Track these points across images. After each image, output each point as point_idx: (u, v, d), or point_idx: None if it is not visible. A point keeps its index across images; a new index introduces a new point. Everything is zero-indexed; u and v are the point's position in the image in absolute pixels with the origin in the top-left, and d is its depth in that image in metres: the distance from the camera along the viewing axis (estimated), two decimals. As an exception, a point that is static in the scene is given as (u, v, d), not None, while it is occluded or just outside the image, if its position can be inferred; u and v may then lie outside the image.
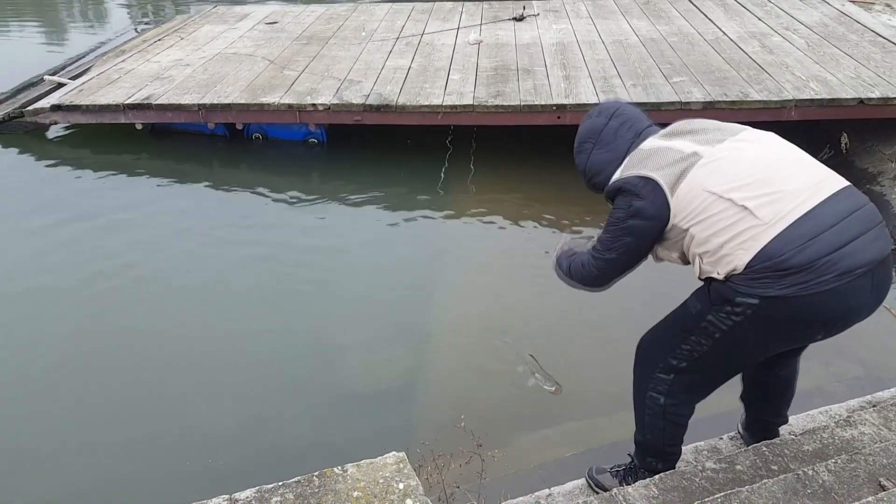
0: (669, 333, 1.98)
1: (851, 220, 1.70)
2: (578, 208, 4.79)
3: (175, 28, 7.43)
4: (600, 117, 2.00)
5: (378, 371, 3.31)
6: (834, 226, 1.68)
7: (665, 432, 2.09)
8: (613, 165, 1.93)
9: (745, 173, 1.73)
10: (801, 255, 1.65)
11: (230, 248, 4.33)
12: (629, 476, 2.25)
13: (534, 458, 2.78)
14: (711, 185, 1.73)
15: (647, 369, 2.04)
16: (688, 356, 1.93)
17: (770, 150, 1.81)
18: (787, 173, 1.75)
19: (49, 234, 4.46)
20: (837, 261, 1.65)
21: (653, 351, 2.03)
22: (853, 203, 1.73)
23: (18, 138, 5.71)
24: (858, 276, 1.67)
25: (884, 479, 1.91)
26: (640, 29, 6.60)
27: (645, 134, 1.94)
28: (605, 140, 1.96)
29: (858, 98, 4.81)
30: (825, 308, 1.71)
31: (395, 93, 5.27)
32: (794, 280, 1.66)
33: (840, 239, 1.67)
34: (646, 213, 1.80)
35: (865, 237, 1.70)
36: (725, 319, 1.78)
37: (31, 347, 3.49)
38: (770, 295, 1.68)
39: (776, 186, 1.71)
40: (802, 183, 1.73)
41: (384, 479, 1.86)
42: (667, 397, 2.02)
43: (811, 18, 6.73)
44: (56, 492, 2.72)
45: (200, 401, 3.15)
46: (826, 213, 1.69)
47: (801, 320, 1.75)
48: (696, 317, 1.86)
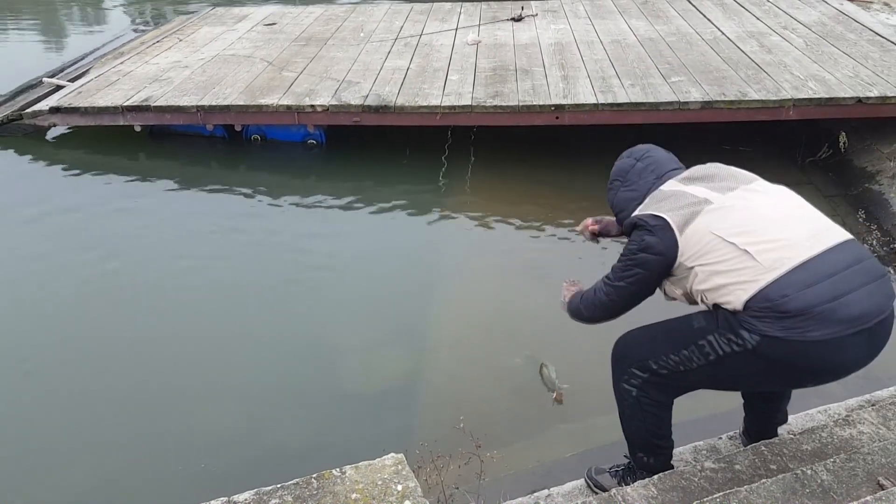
0: (659, 340, 2.02)
1: (851, 272, 1.77)
2: (577, 208, 4.79)
3: (173, 30, 7.43)
4: (630, 158, 2.18)
5: (376, 372, 3.31)
6: (832, 276, 1.75)
7: (646, 423, 2.10)
8: (635, 204, 2.06)
9: (750, 221, 1.84)
10: (798, 300, 1.73)
11: (229, 250, 4.33)
12: (628, 476, 2.25)
13: (533, 459, 2.78)
14: (717, 228, 1.84)
15: (624, 365, 2.08)
16: (673, 367, 1.97)
17: (777, 202, 1.92)
18: (791, 224, 1.85)
19: (48, 237, 4.46)
20: (834, 310, 1.72)
21: (634, 350, 2.08)
22: (854, 256, 1.81)
23: (17, 141, 5.72)
24: (855, 330, 1.73)
25: (882, 479, 1.91)
26: (638, 29, 6.60)
27: (667, 177, 2.06)
28: (631, 180, 2.12)
29: (857, 97, 4.81)
30: (819, 357, 1.78)
31: (394, 94, 5.27)
32: (792, 324, 1.74)
33: (838, 289, 1.74)
34: (655, 248, 1.92)
35: (865, 289, 1.76)
36: (725, 345, 1.85)
37: (31, 349, 3.49)
38: (770, 335, 1.76)
39: (779, 235, 1.81)
40: (805, 233, 1.82)
41: (383, 480, 1.86)
42: (639, 391, 2.06)
43: (809, 17, 6.73)
44: (56, 493, 2.72)
45: (199, 402, 3.15)
46: (826, 263, 1.77)
47: (794, 366, 1.82)
48: (697, 332, 1.91)
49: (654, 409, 2.07)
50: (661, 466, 2.18)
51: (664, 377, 2.00)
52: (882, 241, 4.13)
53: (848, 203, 4.67)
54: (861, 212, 4.42)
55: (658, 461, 2.18)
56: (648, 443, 2.16)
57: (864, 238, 4.18)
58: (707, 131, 5.39)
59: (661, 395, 2.06)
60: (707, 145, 5.40)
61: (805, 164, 5.18)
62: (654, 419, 2.10)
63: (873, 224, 4.31)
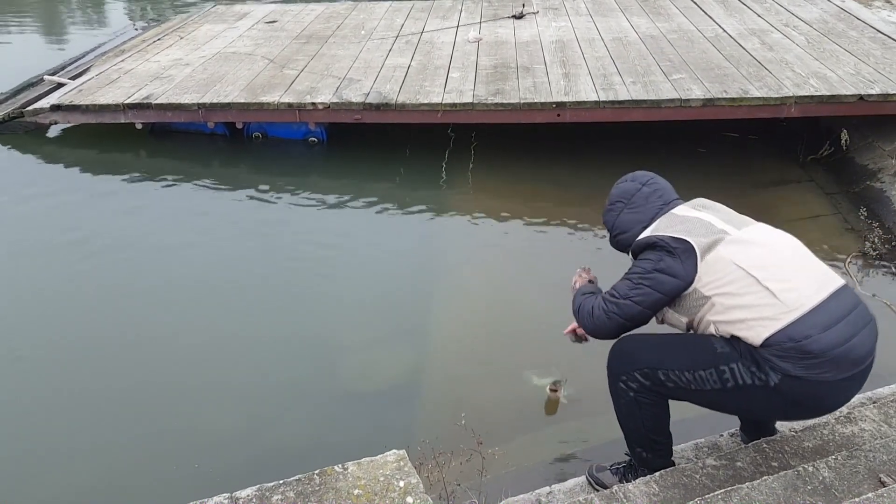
0: (675, 354, 1.99)
1: (854, 316, 1.87)
2: (577, 206, 4.79)
3: (174, 28, 7.42)
4: (634, 182, 2.18)
5: (378, 370, 3.32)
6: (843, 320, 1.84)
7: (643, 421, 2.10)
8: (640, 226, 2.08)
9: (768, 258, 1.90)
10: (820, 342, 1.79)
11: (230, 247, 4.34)
12: (629, 473, 2.25)
13: (534, 456, 2.78)
14: (740, 260, 1.87)
15: (628, 366, 2.05)
16: (683, 384, 1.96)
17: (780, 243, 1.98)
18: (801, 267, 1.93)
19: (48, 235, 4.46)
20: (846, 353, 1.81)
21: (644, 354, 2.04)
22: (852, 302, 1.90)
23: (18, 138, 5.71)
24: (857, 371, 1.84)
25: (884, 476, 1.92)
26: (639, 26, 6.60)
27: (673, 204, 2.11)
28: (636, 203, 2.13)
29: (858, 94, 4.80)
30: (825, 397, 1.89)
31: (395, 91, 5.27)
32: (813, 364, 1.80)
33: (849, 332, 1.83)
34: (673, 269, 1.92)
35: (863, 333, 1.87)
36: (748, 377, 1.86)
37: (31, 348, 3.49)
38: (792, 374, 1.81)
39: (793, 276, 1.89)
40: (813, 277, 1.90)
41: (385, 476, 1.86)
42: (637, 393, 2.05)
43: (811, 15, 6.72)
44: (58, 492, 2.72)
45: (201, 399, 3.16)
46: (836, 307, 1.85)
47: (802, 403, 1.89)
48: (720, 357, 1.89)
49: (651, 408, 2.07)
50: (660, 462, 2.18)
51: (668, 389, 2.00)
52: (883, 238, 4.12)
53: (849, 200, 4.66)
54: (863, 209, 4.42)
55: (657, 457, 2.18)
56: (646, 438, 2.16)
57: (866, 236, 4.18)
58: (707, 128, 5.39)
59: (658, 399, 2.06)
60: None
61: (806, 162, 5.17)
62: (652, 417, 2.09)
63: (875, 222, 4.31)
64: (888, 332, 3.42)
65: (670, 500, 1.99)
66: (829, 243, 4.23)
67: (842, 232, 4.38)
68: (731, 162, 5.26)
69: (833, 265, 4.03)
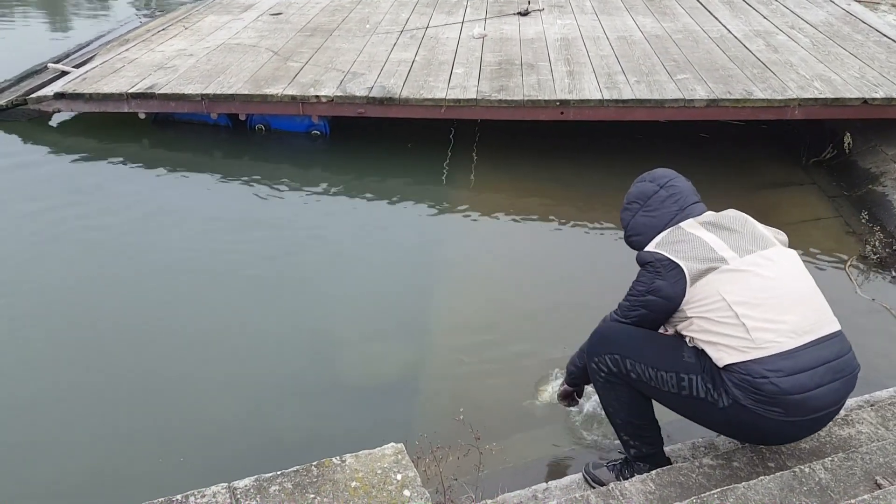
0: (644, 349, 2.09)
1: (826, 368, 1.89)
2: (579, 204, 4.79)
3: (179, 18, 7.41)
4: (652, 184, 2.18)
5: (377, 363, 3.32)
6: (811, 370, 1.87)
7: (620, 401, 2.16)
8: (653, 232, 2.11)
9: (758, 292, 1.91)
10: (774, 385, 1.85)
11: (230, 239, 4.33)
12: (625, 469, 2.27)
13: (532, 453, 2.79)
14: (727, 291, 1.91)
15: (601, 348, 2.15)
16: (645, 379, 2.07)
17: (785, 276, 1.97)
18: (792, 306, 1.92)
19: (49, 223, 4.46)
20: (801, 402, 1.87)
21: (616, 340, 2.13)
22: (835, 352, 1.92)
23: (21, 126, 5.71)
24: (811, 418, 1.92)
25: (880, 478, 1.92)
26: (644, 25, 6.59)
27: (689, 210, 2.11)
28: (652, 206, 2.15)
29: (862, 98, 4.80)
30: (773, 433, 1.96)
31: (399, 86, 5.26)
32: (762, 401, 1.87)
33: (811, 383, 1.86)
34: (663, 292, 1.99)
35: (832, 385, 1.90)
36: (703, 391, 1.96)
37: (28, 338, 3.49)
38: (741, 403, 1.89)
39: (777, 316, 1.89)
40: (801, 319, 1.91)
41: (382, 469, 1.87)
42: (607, 375, 2.15)
43: (817, 17, 6.71)
44: (55, 481, 2.73)
45: (199, 391, 3.16)
46: (809, 355, 1.88)
47: (746, 432, 2.03)
48: (683, 366, 2.00)
49: (626, 391, 2.14)
50: (648, 450, 2.22)
51: (632, 380, 2.10)
52: (884, 242, 4.13)
53: (851, 204, 4.66)
54: (864, 213, 4.42)
55: (644, 444, 2.21)
56: (628, 423, 2.20)
57: (867, 240, 4.18)
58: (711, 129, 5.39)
59: (628, 385, 2.13)
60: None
61: (809, 165, 5.17)
62: (629, 400, 2.15)
63: (876, 225, 4.31)
64: (887, 336, 3.45)
65: (666, 498, 2.00)
66: (830, 246, 4.23)
67: (843, 235, 4.38)
68: (734, 163, 5.26)
69: (833, 268, 4.04)
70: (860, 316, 3.61)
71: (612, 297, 2.26)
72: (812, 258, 4.11)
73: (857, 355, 2.03)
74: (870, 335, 3.46)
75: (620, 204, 2.30)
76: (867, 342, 3.41)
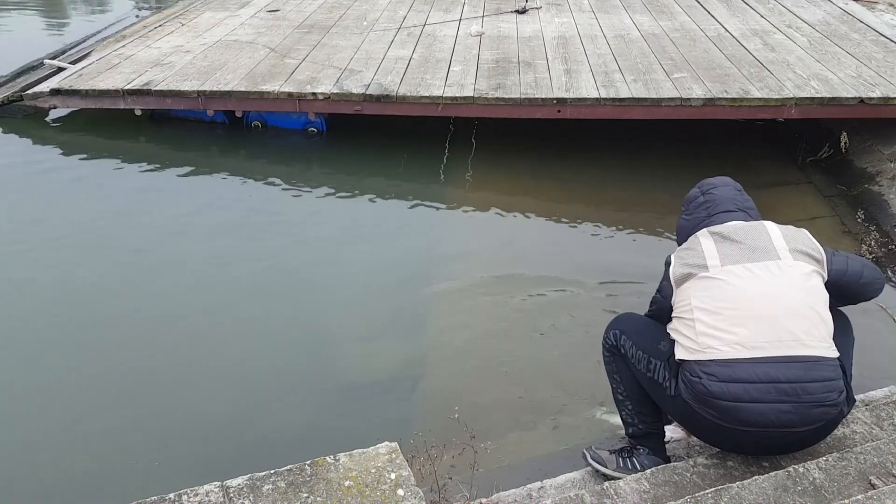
0: (637, 331, 2.27)
1: (772, 387, 1.90)
2: (576, 202, 4.79)
3: (176, 14, 7.39)
4: (698, 189, 2.38)
5: (372, 362, 3.32)
6: (749, 382, 1.91)
7: (620, 374, 2.28)
8: (685, 234, 2.30)
9: (724, 300, 2.00)
10: (705, 387, 1.95)
11: (226, 236, 4.32)
12: (625, 451, 2.30)
13: (526, 451, 2.79)
14: (695, 296, 2.05)
15: (611, 325, 2.36)
16: (630, 357, 2.24)
17: (758, 291, 1.98)
18: (747, 319, 1.95)
19: (44, 220, 4.45)
20: (733, 410, 1.92)
21: (620, 320, 2.35)
22: (795, 375, 1.90)
23: (17, 122, 5.69)
24: (748, 430, 1.95)
25: (874, 478, 1.92)
26: (642, 24, 6.58)
27: (715, 219, 2.23)
28: (689, 210, 2.35)
29: (859, 97, 4.80)
30: (713, 433, 2.06)
31: (396, 83, 5.25)
32: (695, 398, 1.99)
33: (745, 395, 1.91)
34: (664, 291, 2.22)
35: (778, 406, 1.90)
36: (661, 377, 2.13)
37: (22, 334, 3.48)
38: (683, 396, 2.03)
39: (727, 326, 1.96)
40: (752, 334, 1.94)
41: (376, 468, 1.87)
42: (610, 349, 2.32)
43: (814, 17, 6.71)
44: (49, 477, 2.72)
45: (193, 389, 3.15)
46: (750, 370, 1.91)
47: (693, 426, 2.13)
48: (655, 351, 2.17)
49: (625, 364, 2.26)
50: (649, 434, 2.26)
51: (622, 356, 2.27)
52: (880, 242, 4.13)
53: (847, 203, 4.67)
54: (860, 212, 4.42)
55: (643, 424, 2.27)
56: (629, 399, 2.28)
57: (863, 239, 4.18)
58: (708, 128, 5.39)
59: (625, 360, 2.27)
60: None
61: (805, 164, 5.17)
62: (629, 374, 2.26)
63: (872, 225, 4.31)
64: (883, 336, 3.45)
65: (661, 497, 2.00)
66: (826, 245, 4.23)
67: (839, 234, 4.38)
68: (730, 162, 5.25)
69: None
70: (856, 315, 3.57)
71: (610, 295, 2.26)
72: (808, 257, 4.11)
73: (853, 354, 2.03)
74: (866, 335, 3.44)
75: (619, 201, 2.37)
76: (863, 341, 3.38)
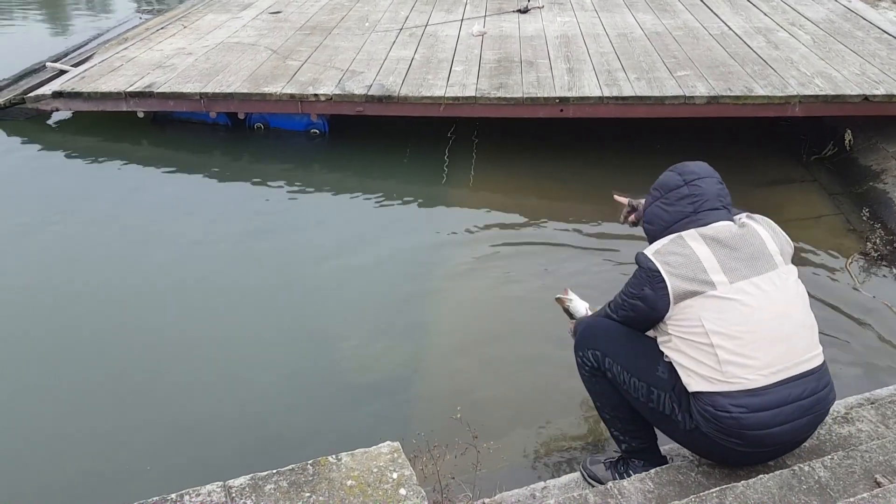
0: (623, 351, 2.10)
1: (794, 407, 1.90)
2: (580, 202, 4.78)
3: (178, 16, 7.40)
4: (678, 177, 2.10)
5: (375, 362, 3.31)
6: (777, 408, 1.88)
7: (605, 394, 2.17)
8: (663, 226, 2.08)
9: (739, 324, 1.89)
10: (736, 420, 1.87)
11: (228, 238, 4.32)
12: (620, 465, 2.26)
13: (530, 451, 2.78)
14: (707, 318, 1.90)
15: (585, 343, 2.18)
16: (619, 382, 2.09)
17: (770, 309, 1.92)
18: (769, 343, 1.89)
19: (46, 223, 4.45)
20: (762, 438, 1.90)
21: (600, 338, 2.15)
22: (811, 389, 1.92)
23: (19, 125, 5.70)
24: (771, 451, 1.99)
25: (880, 476, 1.91)
26: (644, 22, 6.57)
27: (702, 217, 2.02)
28: (670, 200, 2.09)
29: (863, 95, 4.78)
30: (733, 459, 2.03)
31: (398, 84, 5.24)
32: (722, 431, 1.90)
33: (775, 421, 1.88)
34: (649, 302, 1.99)
35: (797, 422, 1.92)
36: (669, 409, 2.01)
37: (24, 337, 3.48)
38: (702, 429, 1.94)
39: (751, 352, 1.88)
40: (775, 358, 1.89)
41: (378, 468, 1.86)
42: (590, 370, 2.17)
43: (817, 14, 6.69)
44: (50, 479, 2.71)
45: (196, 389, 3.15)
46: (778, 394, 1.88)
47: (707, 454, 2.08)
48: (655, 380, 2.03)
49: (610, 384, 2.15)
50: (643, 449, 2.21)
51: (608, 378, 2.13)
52: (886, 239, 4.11)
53: (852, 201, 4.65)
54: (865, 210, 4.40)
55: (632, 439, 2.21)
56: (617, 419, 2.20)
57: (868, 237, 4.16)
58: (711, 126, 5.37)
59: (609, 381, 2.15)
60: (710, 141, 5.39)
61: (810, 162, 5.15)
62: (614, 394, 2.15)
63: (877, 223, 4.29)
64: (888, 334, 3.43)
65: (665, 497, 1.98)
66: (831, 244, 4.22)
67: (844, 232, 4.36)
68: (735, 160, 5.23)
69: (834, 266, 4.02)
70: (861, 313, 3.59)
71: (611, 297, 2.25)
72: (813, 255, 4.10)
73: (859, 353, 2.02)
74: (870, 332, 3.45)
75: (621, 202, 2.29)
76: (868, 340, 3.40)
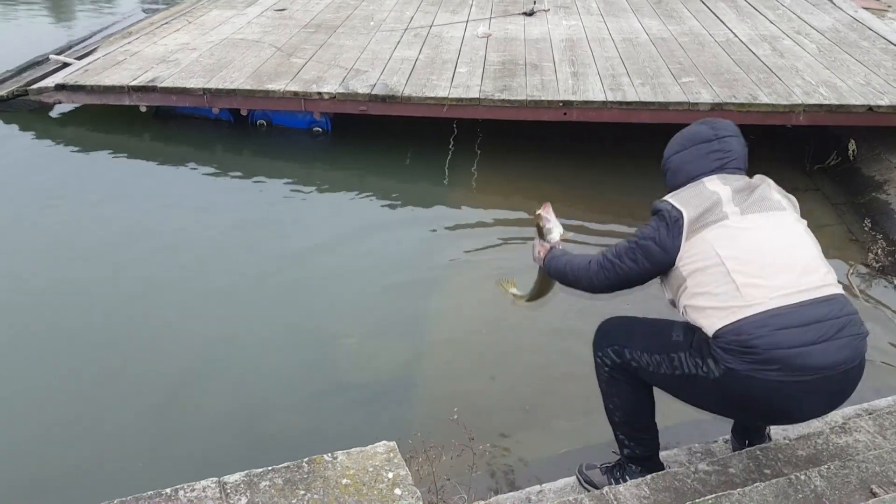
0: (638, 335, 2.07)
1: (825, 325, 1.80)
2: (580, 205, 4.77)
3: (183, 12, 7.40)
4: (710, 131, 2.08)
5: (372, 362, 3.30)
6: (805, 325, 1.78)
7: (622, 400, 2.14)
8: (685, 176, 2.05)
9: (753, 251, 1.85)
10: (767, 339, 1.76)
11: (229, 234, 4.32)
12: (616, 470, 2.25)
13: (526, 454, 2.77)
14: (721, 247, 1.85)
15: (603, 342, 2.14)
16: (644, 366, 2.03)
17: (783, 238, 1.90)
18: (787, 268, 1.84)
19: (47, 215, 4.45)
20: (798, 356, 1.76)
21: (615, 333, 2.12)
22: (834, 311, 1.83)
23: (22, 116, 5.70)
24: (814, 378, 1.78)
25: (875, 486, 1.90)
26: (650, 28, 6.57)
27: (725, 171, 2.02)
28: (696, 152, 2.06)
29: (867, 105, 4.77)
30: (771, 400, 1.83)
31: (402, 84, 5.24)
32: (756, 361, 1.77)
33: (807, 338, 1.77)
34: (664, 243, 1.93)
35: (837, 342, 1.80)
36: (692, 367, 1.90)
37: (23, 329, 3.48)
38: (733, 367, 1.80)
39: (770, 276, 1.82)
40: (792, 280, 1.83)
41: (374, 467, 1.85)
42: (611, 370, 2.12)
43: (823, 23, 6.68)
44: (45, 472, 2.71)
45: (191, 385, 3.14)
46: (802, 313, 1.79)
47: (747, 404, 1.89)
48: (672, 345, 1.96)
49: (628, 387, 2.11)
50: (642, 453, 2.19)
51: (634, 369, 2.06)
52: (887, 250, 4.10)
53: (854, 211, 4.64)
54: (867, 220, 4.39)
55: (638, 446, 2.19)
56: (626, 423, 2.18)
57: (870, 248, 4.15)
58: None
59: (633, 379, 2.10)
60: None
61: (813, 171, 5.14)
62: (630, 399, 2.13)
63: (879, 233, 4.28)
64: (889, 345, 3.42)
65: (661, 502, 1.97)
66: (833, 253, 4.20)
67: (846, 242, 4.35)
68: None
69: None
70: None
71: (613, 298, 2.24)
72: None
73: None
74: (871, 343, 3.42)
75: (624, 206, 2.28)
76: (868, 350, 3.38)
